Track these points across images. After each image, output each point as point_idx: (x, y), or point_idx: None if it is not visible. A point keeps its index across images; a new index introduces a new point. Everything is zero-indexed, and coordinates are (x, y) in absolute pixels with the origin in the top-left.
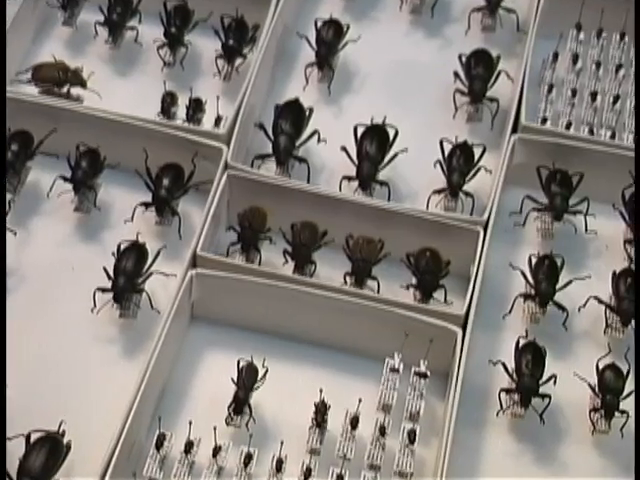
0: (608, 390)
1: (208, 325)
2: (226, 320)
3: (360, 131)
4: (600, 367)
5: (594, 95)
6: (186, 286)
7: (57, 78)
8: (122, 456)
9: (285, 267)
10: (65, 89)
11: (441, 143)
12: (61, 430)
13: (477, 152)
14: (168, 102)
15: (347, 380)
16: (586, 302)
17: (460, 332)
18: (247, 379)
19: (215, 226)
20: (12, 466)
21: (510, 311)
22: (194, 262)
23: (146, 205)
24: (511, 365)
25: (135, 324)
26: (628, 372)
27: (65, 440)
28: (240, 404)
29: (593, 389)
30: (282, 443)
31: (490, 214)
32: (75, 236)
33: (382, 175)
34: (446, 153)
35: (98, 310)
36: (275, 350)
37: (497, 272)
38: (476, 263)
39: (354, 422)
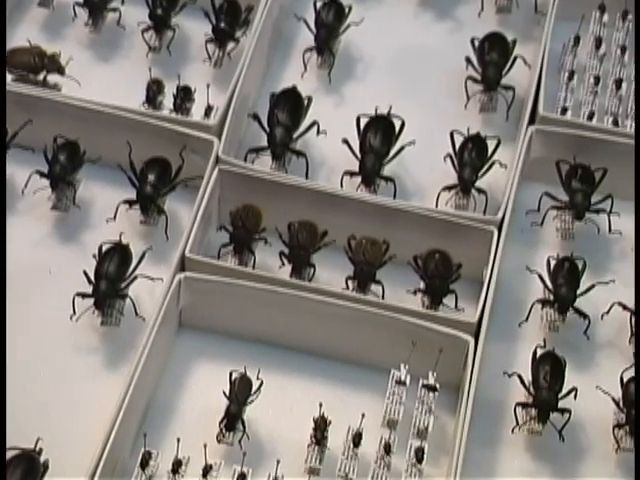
0: (633, 405)
1: (198, 334)
2: (217, 328)
3: (363, 122)
4: (625, 379)
5: (619, 82)
6: (174, 291)
7: (32, 64)
8: (104, 476)
9: (281, 270)
10: (41, 76)
11: (452, 135)
12: (38, 448)
13: (491, 145)
14: (154, 90)
15: (349, 393)
16: (610, 309)
17: (472, 341)
18: (240, 392)
19: (205, 226)
20: None
21: (527, 318)
22: (182, 265)
23: (130, 203)
24: (528, 377)
25: (118, 333)
26: None
27: (42, 459)
28: (233, 419)
29: (617, 403)
30: (278, 462)
31: (505, 213)
32: (52, 237)
33: (387, 170)
34: (457, 146)
35: (78, 317)
36: (270, 361)
37: (512, 276)
38: (490, 266)
39: (357, 439)
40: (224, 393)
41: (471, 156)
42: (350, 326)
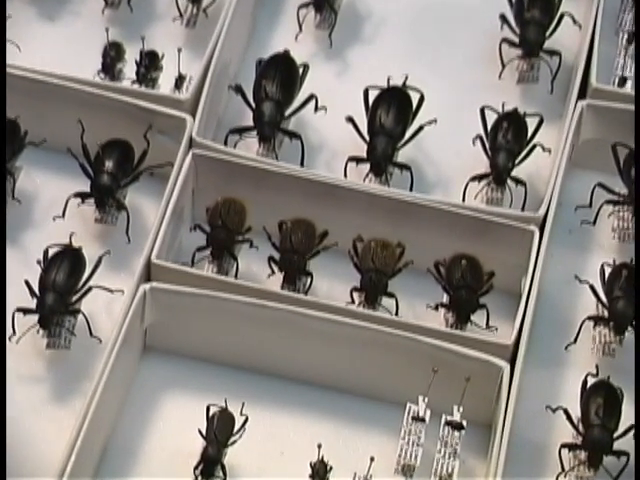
0: None
1: (167, 358)
2: (191, 352)
3: (373, 96)
4: None
5: None
6: (137, 306)
7: None
8: None
9: (271, 280)
10: None
11: (482, 112)
12: None
13: (531, 124)
14: (112, 56)
15: (355, 433)
16: None
17: (507, 368)
18: (220, 431)
19: (176, 225)
20: None
21: (575, 340)
22: (148, 274)
23: (82, 196)
24: (576, 413)
25: (68, 357)
26: None
27: None
28: (210, 464)
29: None
30: None
31: (549, 208)
32: None
33: (402, 156)
34: (489, 126)
35: (18, 339)
36: (257, 392)
37: (558, 287)
38: (529, 275)
39: None
40: (200, 432)
41: (507, 138)
42: (356, 350)
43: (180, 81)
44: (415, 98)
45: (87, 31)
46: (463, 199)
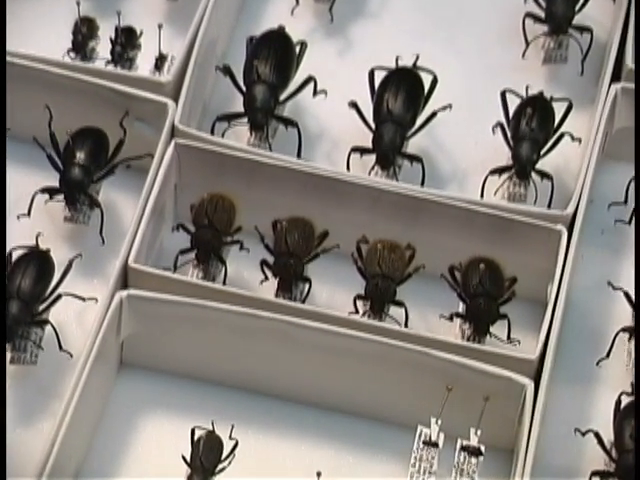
0: None
1: (146, 376)
2: (173, 368)
3: (379, 78)
4: None
5: None
6: (112, 316)
7: None
8: None
9: (264, 287)
10: None
11: (504, 96)
12: None
13: (559, 110)
14: (83, 34)
15: (359, 459)
16: None
17: (531, 386)
18: (206, 457)
19: (157, 224)
20: None
21: (608, 354)
22: (125, 280)
23: (50, 192)
24: (609, 436)
25: (35, 374)
26: None
27: None
28: None
29: None
30: None
31: (578, 206)
32: None
33: (412, 146)
34: (511, 112)
35: None
36: (248, 414)
37: (588, 294)
38: (556, 281)
39: None
40: (184, 458)
41: (531, 126)
42: (360, 366)
43: (161, 61)
44: (427, 80)
45: (55, 5)
46: (481, 195)
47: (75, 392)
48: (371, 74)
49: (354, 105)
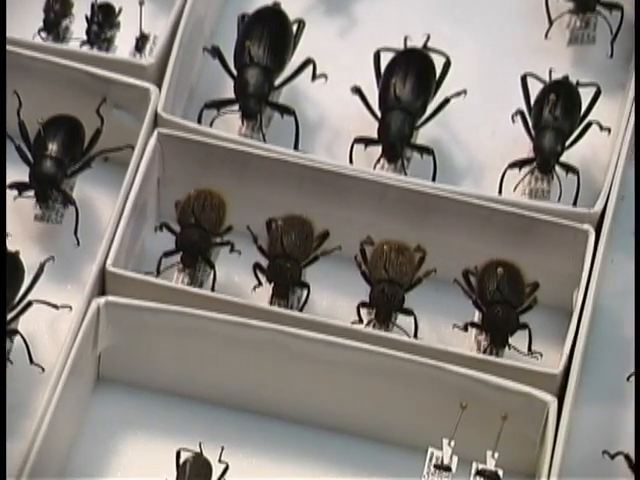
0: None
1: (126, 392)
2: (156, 384)
3: (386, 60)
4: None
5: None
6: (88, 326)
7: None
8: None
9: (257, 293)
10: None
11: (524, 81)
12: None
13: (586, 96)
14: (56, 11)
15: None
16: None
17: (554, 403)
18: None
19: (138, 223)
20: None
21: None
22: (102, 285)
23: (19, 187)
24: None
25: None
26: None
27: None
28: None
29: None
30: None
31: (607, 203)
32: None
33: (423, 136)
34: (533, 98)
35: None
36: (240, 434)
37: (618, 302)
38: (582, 287)
39: None
40: None
41: (555, 114)
42: (364, 381)
43: (142, 42)
44: (439, 63)
45: None
46: (500, 191)
47: (47, 411)
48: (377, 56)
49: (358, 91)
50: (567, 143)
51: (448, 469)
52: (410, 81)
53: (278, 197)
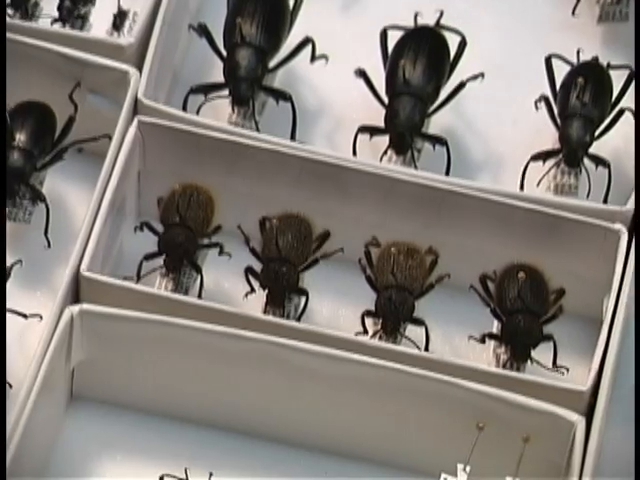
0: None
1: (102, 411)
2: (136, 402)
3: (394, 39)
4: None
5: None
6: (61, 337)
7: None
8: None
9: (250, 301)
10: None
11: (549, 62)
12: None
13: (618, 81)
14: None
15: None
16: None
17: (582, 423)
18: None
19: (116, 223)
20: None
21: None
22: (76, 292)
23: None
24: None
25: None
26: None
27: None
28: None
29: None
30: None
31: None
32: None
33: (435, 125)
34: (559, 82)
35: None
36: (230, 459)
37: None
38: (613, 294)
39: None
40: None
41: (583, 100)
42: (369, 399)
43: (120, 19)
44: (454, 43)
45: None
46: (521, 187)
47: (15, 432)
48: (384, 35)
49: (362, 74)
50: (597, 133)
51: None
52: (421, 63)
53: (273, 193)
